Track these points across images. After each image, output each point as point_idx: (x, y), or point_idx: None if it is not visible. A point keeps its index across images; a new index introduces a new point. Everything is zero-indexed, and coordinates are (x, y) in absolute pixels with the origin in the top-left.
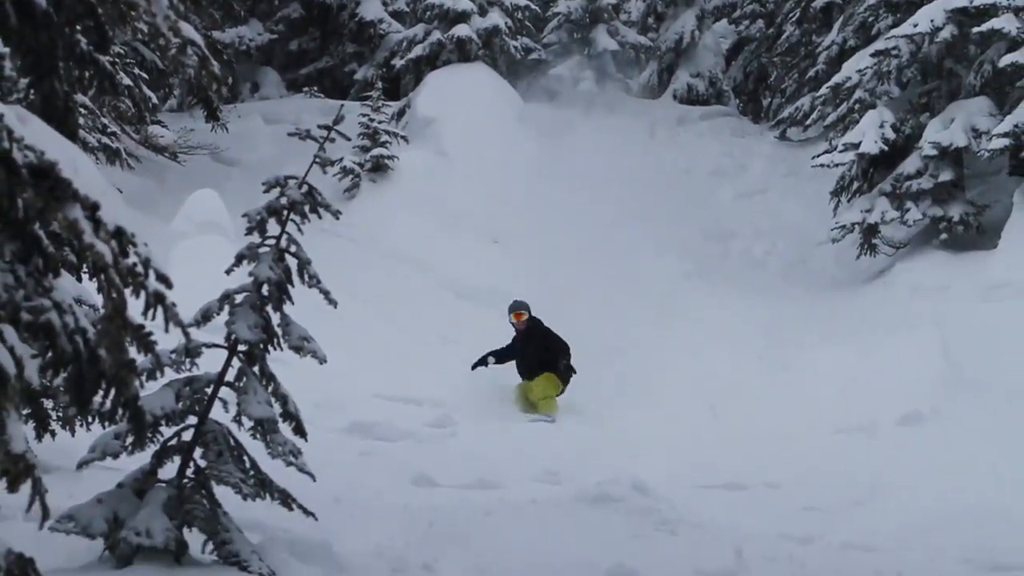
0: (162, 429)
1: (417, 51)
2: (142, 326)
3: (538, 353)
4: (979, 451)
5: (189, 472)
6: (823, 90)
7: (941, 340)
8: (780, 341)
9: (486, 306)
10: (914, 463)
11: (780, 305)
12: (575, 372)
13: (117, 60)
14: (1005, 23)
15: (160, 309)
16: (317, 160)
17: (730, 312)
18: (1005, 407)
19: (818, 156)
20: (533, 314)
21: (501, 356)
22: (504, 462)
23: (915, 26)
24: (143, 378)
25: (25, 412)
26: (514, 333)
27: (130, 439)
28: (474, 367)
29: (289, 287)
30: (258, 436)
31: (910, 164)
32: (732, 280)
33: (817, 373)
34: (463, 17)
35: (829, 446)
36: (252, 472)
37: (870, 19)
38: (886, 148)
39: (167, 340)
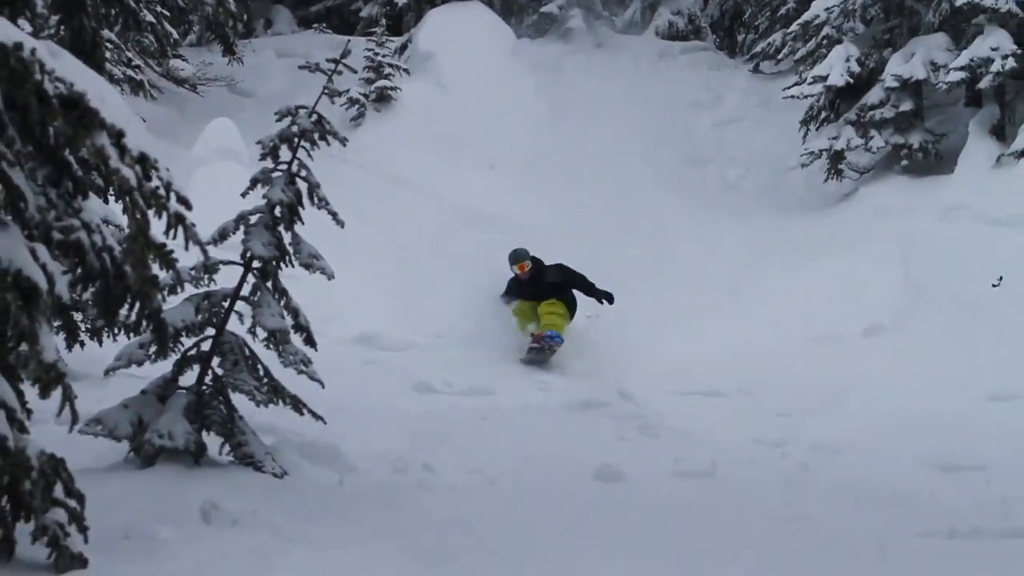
0: (183, 340)
1: None
2: (164, 244)
3: (543, 292)
4: (936, 359)
5: (207, 380)
6: (793, 27)
7: (902, 258)
8: (754, 259)
9: (483, 226)
10: (877, 371)
11: (754, 226)
12: (612, 297)
13: None
14: None
15: (181, 229)
16: (326, 91)
17: (708, 232)
18: (960, 319)
19: (789, 88)
20: (532, 255)
21: (508, 294)
22: (499, 370)
23: None
24: (165, 292)
25: (56, 324)
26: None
27: (153, 349)
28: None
29: (300, 208)
30: (271, 346)
31: (873, 95)
32: (710, 202)
33: (787, 289)
34: None
35: (799, 356)
36: (266, 380)
37: None
38: (851, 81)
39: (187, 258)
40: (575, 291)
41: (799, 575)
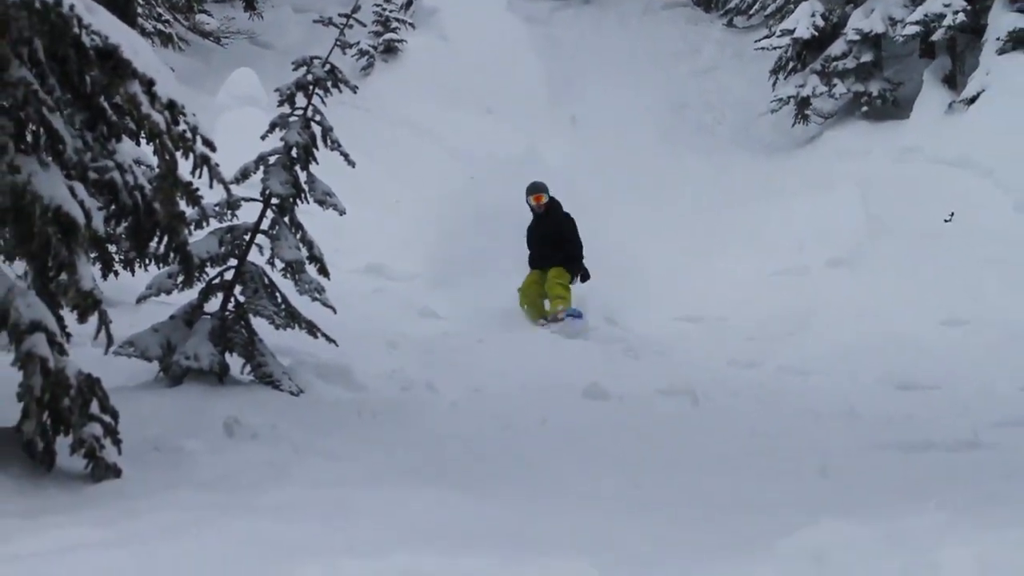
0: (207, 270)
1: None
2: (190, 183)
3: (551, 239)
4: (893, 288)
5: (230, 306)
6: None
7: (862, 195)
8: (728, 197)
9: (481, 166)
10: (839, 299)
11: (728, 166)
12: (588, 276)
13: None
14: None
15: (206, 169)
16: (338, 43)
17: (686, 171)
18: (915, 251)
19: (759, 40)
20: (552, 195)
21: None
22: (494, 298)
23: None
24: (191, 227)
25: (92, 255)
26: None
27: (180, 278)
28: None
29: (314, 150)
30: (288, 275)
31: (837, 47)
32: (688, 144)
33: (758, 224)
34: None
35: (769, 286)
36: (283, 306)
37: None
38: (816, 34)
39: (211, 195)
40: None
41: (766, 484)
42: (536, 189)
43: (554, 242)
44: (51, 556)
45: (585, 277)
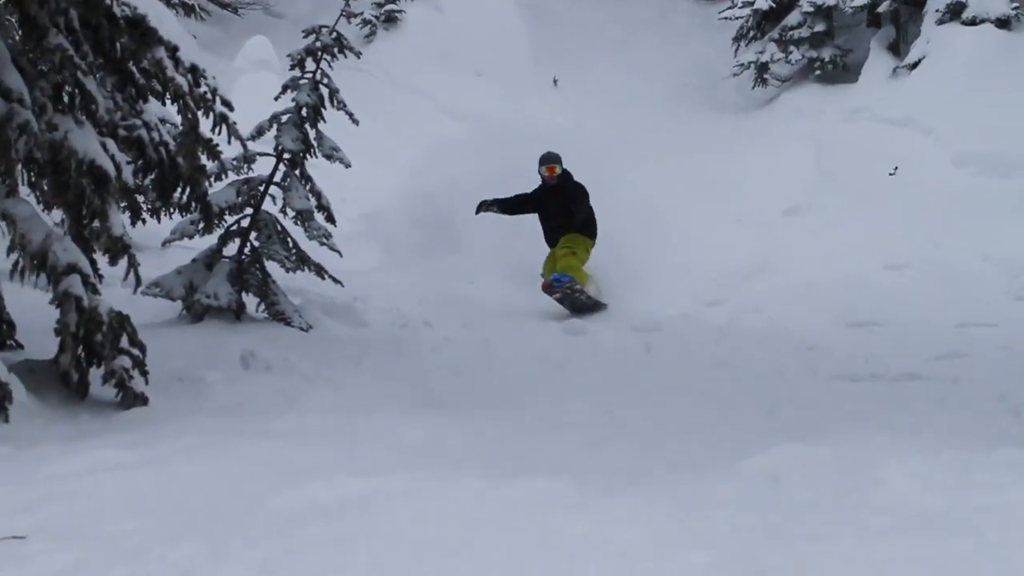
0: (226, 218)
1: None
2: (211, 139)
3: (563, 210)
4: (843, 235)
5: (246, 250)
6: None
7: (815, 151)
8: (694, 152)
9: (472, 123)
10: (795, 245)
11: (696, 125)
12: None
13: None
14: None
15: (224, 127)
16: (344, 13)
17: (660, 131)
18: (862, 201)
19: (723, 11)
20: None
21: (508, 206)
22: (483, 245)
23: None
24: (211, 179)
25: (122, 204)
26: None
27: (201, 225)
28: (477, 212)
29: (322, 110)
30: (299, 223)
31: (793, 18)
32: (659, 105)
33: (721, 176)
34: None
35: (730, 233)
36: (294, 250)
37: None
38: (774, 5)
39: (230, 150)
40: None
41: (728, 411)
42: (549, 160)
43: (567, 213)
44: (84, 476)
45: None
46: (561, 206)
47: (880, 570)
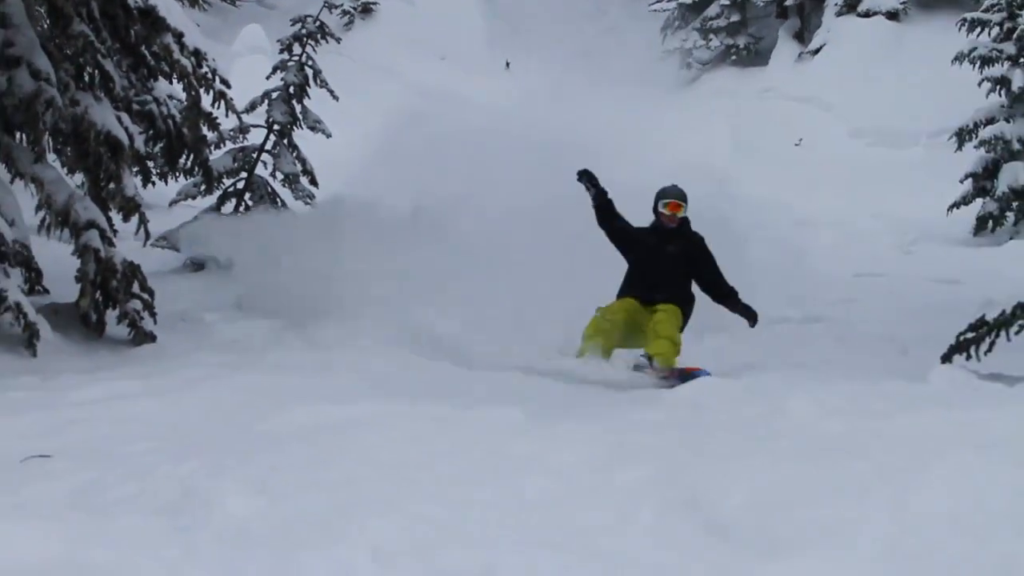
0: (224, 180)
1: None
2: (211, 113)
3: (679, 266)
4: (758, 197)
5: (241, 209)
6: None
7: (731, 125)
8: (631, 124)
9: (436, 98)
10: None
11: (630, 103)
12: (756, 317)
13: None
14: None
15: (223, 102)
16: (326, 4)
17: (597, 106)
18: (773, 168)
19: (653, 4)
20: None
21: (607, 209)
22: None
23: None
24: (211, 147)
25: (135, 169)
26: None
27: (203, 187)
28: (579, 177)
29: (307, 88)
30: (287, 185)
31: (712, 10)
32: (598, 85)
33: (649, 145)
34: None
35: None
36: (283, 209)
37: None
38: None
39: (227, 122)
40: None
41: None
42: (674, 195)
43: (679, 270)
44: (101, 402)
45: (754, 318)
46: (675, 261)
47: (786, 486)
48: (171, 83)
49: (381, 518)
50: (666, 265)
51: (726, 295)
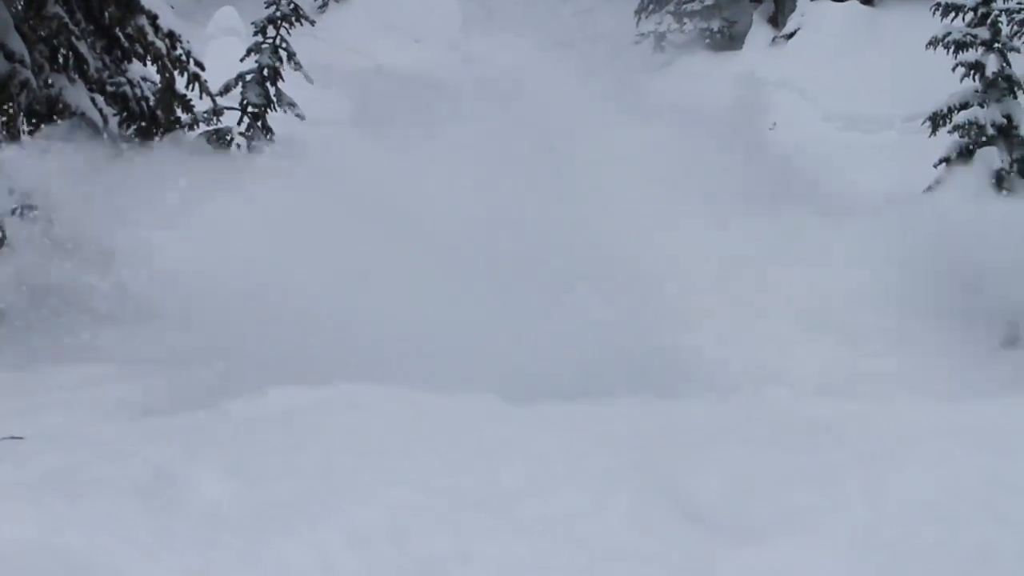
0: None
1: None
2: (185, 95)
3: None
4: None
5: None
6: None
7: (705, 108)
8: (600, 110)
9: (409, 80)
10: None
11: (604, 85)
12: None
13: None
14: None
15: (197, 84)
16: None
17: (569, 88)
18: (747, 150)
19: None
20: None
21: None
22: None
23: None
24: (186, 129)
25: None
26: None
27: None
28: None
29: (281, 70)
30: None
31: None
32: (571, 69)
33: (624, 130)
34: None
35: None
36: None
37: None
38: None
39: (201, 104)
40: None
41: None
42: None
43: None
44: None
45: None
46: None
47: (762, 472)
48: (145, 65)
49: (356, 503)
50: None
51: None
